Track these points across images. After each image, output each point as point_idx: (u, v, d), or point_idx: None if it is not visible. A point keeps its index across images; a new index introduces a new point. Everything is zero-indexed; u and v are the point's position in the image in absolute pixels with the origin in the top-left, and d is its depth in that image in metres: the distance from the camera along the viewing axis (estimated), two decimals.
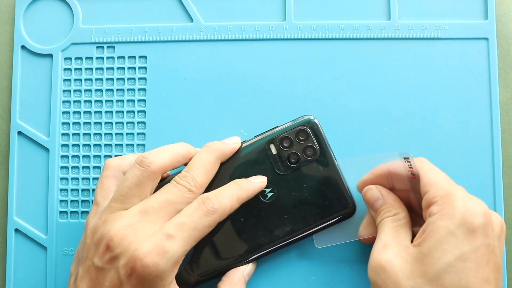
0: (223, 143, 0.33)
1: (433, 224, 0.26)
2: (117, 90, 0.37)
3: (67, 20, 0.38)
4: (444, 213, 0.26)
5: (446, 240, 0.26)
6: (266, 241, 0.32)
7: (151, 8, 0.37)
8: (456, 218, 0.26)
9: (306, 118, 0.33)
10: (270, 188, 0.32)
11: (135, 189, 0.30)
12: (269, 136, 0.33)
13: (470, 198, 0.27)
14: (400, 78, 0.35)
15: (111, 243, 0.28)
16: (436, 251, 0.26)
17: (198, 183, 0.31)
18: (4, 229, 0.36)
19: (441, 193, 0.27)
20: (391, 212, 0.30)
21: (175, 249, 0.28)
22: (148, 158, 0.30)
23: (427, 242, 0.26)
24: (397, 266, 0.27)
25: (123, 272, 0.28)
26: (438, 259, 0.25)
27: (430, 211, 0.27)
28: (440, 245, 0.26)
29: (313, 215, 0.32)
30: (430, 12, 0.36)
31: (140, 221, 0.29)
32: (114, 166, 0.32)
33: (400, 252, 0.27)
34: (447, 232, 0.26)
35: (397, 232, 0.29)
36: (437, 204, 0.27)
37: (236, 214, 0.32)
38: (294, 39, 0.36)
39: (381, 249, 0.28)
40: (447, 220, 0.26)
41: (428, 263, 0.26)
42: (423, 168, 0.29)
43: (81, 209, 0.36)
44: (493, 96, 0.35)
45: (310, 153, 0.33)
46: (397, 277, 0.26)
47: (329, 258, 0.34)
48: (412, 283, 0.26)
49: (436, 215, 0.27)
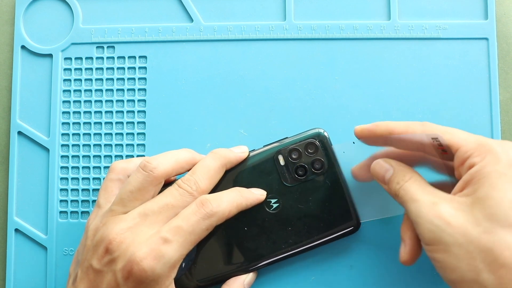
0: (230, 151, 0.33)
1: (480, 171, 0.26)
2: (117, 90, 0.37)
3: (67, 20, 0.38)
4: (489, 159, 0.26)
5: (501, 180, 0.25)
6: (268, 252, 0.32)
7: (151, 8, 0.37)
8: (502, 161, 0.26)
9: (316, 131, 0.33)
10: (276, 199, 0.32)
11: (137, 193, 0.30)
12: (278, 147, 0.33)
13: (502, 141, 0.27)
14: (400, 78, 0.35)
15: (110, 246, 0.28)
16: (495, 192, 0.25)
17: (201, 188, 0.30)
18: (4, 229, 0.36)
19: (474, 145, 0.27)
20: (406, 177, 0.29)
21: (171, 253, 0.28)
22: (152, 163, 0.30)
23: (481, 188, 0.25)
24: (458, 216, 0.25)
25: (120, 276, 0.28)
26: (501, 199, 0.25)
27: (469, 163, 0.26)
28: (497, 187, 0.25)
29: (317, 228, 0.32)
30: (430, 12, 0.36)
31: (139, 225, 0.29)
32: (119, 170, 0.32)
33: (453, 205, 0.26)
34: (499, 174, 0.25)
35: (427, 190, 0.28)
36: (475, 155, 0.26)
37: (239, 223, 0.32)
38: (294, 39, 0.36)
39: (431, 207, 0.26)
40: (494, 164, 0.26)
41: (491, 205, 0.25)
42: (435, 129, 0.28)
43: (81, 209, 0.36)
44: (493, 96, 0.35)
45: (318, 167, 0.32)
46: (463, 227, 0.25)
47: (329, 258, 0.34)
48: (482, 228, 0.25)
49: (480, 163, 0.26)
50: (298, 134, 0.33)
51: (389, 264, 0.34)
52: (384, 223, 0.34)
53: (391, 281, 0.34)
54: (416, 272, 0.34)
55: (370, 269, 0.34)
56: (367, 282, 0.34)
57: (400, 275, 0.34)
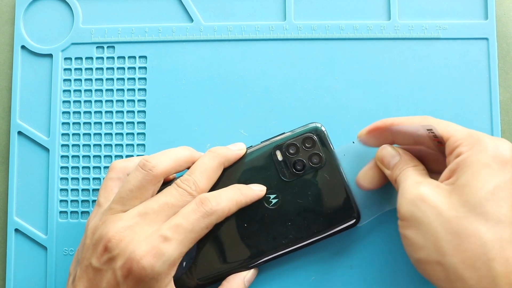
0: (228, 149, 0.33)
1: (465, 160, 0.26)
2: (117, 90, 0.37)
3: (67, 20, 0.38)
4: (475, 149, 0.26)
5: (483, 171, 0.26)
6: (268, 248, 0.32)
7: (151, 8, 0.37)
8: (488, 152, 0.26)
9: (313, 126, 0.33)
10: (274, 194, 0.32)
11: (136, 192, 0.30)
12: (275, 142, 0.33)
13: (494, 137, 0.28)
14: (400, 78, 0.35)
15: (109, 244, 0.28)
16: (475, 181, 0.25)
17: (199, 187, 0.30)
18: (4, 229, 0.36)
19: (464, 135, 0.27)
20: (410, 164, 0.29)
21: (171, 251, 0.28)
22: (151, 162, 0.30)
23: (463, 176, 0.26)
24: (436, 198, 0.26)
25: (120, 274, 0.28)
26: (478, 188, 0.25)
27: (457, 152, 0.27)
28: (477, 176, 0.25)
29: (317, 223, 0.32)
30: (430, 12, 0.36)
31: (138, 223, 0.29)
32: (119, 169, 0.32)
33: (435, 188, 0.27)
34: (482, 164, 0.26)
35: (423, 175, 0.28)
36: (464, 145, 0.27)
37: (239, 219, 0.32)
38: (294, 39, 0.36)
39: (415, 185, 0.27)
40: (479, 154, 0.26)
41: (468, 192, 0.25)
42: (434, 122, 0.29)
43: (81, 209, 0.36)
44: (493, 96, 0.35)
45: (316, 161, 0.32)
46: (438, 208, 0.26)
47: (329, 258, 0.34)
48: (455, 212, 0.25)
49: (467, 153, 0.26)
50: (295, 129, 0.33)
51: (389, 264, 0.34)
52: (384, 223, 0.34)
53: (391, 281, 0.34)
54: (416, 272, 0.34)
55: (370, 269, 0.34)
56: (367, 282, 0.34)
57: (400, 275, 0.34)
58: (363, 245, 0.34)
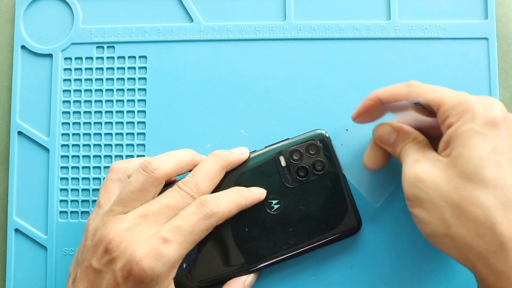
0: (231, 152, 0.32)
1: (456, 131, 0.26)
2: (117, 90, 0.37)
3: (67, 20, 0.38)
4: (465, 118, 0.26)
5: (475, 138, 0.25)
6: (269, 253, 0.32)
7: (151, 8, 0.37)
8: (478, 119, 0.26)
9: (317, 132, 0.33)
10: (277, 200, 0.32)
11: (137, 194, 0.30)
12: (279, 148, 0.33)
13: (482, 97, 0.27)
14: (400, 78, 0.35)
15: (110, 245, 0.28)
16: (468, 150, 0.25)
17: (201, 190, 0.30)
18: (4, 229, 0.36)
19: (453, 104, 0.27)
20: (409, 138, 0.29)
21: (171, 253, 0.28)
22: (153, 164, 0.30)
23: (456, 148, 0.26)
24: (433, 174, 0.26)
25: (119, 275, 0.28)
26: (471, 157, 0.25)
27: (448, 123, 0.27)
28: (469, 145, 0.25)
29: (318, 229, 0.32)
30: (430, 12, 0.36)
31: (139, 225, 0.29)
32: (119, 169, 0.32)
33: (432, 163, 0.27)
34: (473, 133, 0.26)
35: (422, 150, 0.28)
36: (453, 115, 0.27)
37: (240, 224, 0.32)
38: (294, 39, 0.36)
39: (413, 164, 0.27)
40: (469, 123, 0.26)
41: (463, 163, 0.25)
42: (422, 92, 0.28)
43: (81, 209, 0.36)
44: (493, 96, 0.35)
45: (319, 168, 0.32)
46: (436, 183, 0.26)
47: (329, 258, 0.34)
48: (452, 185, 0.25)
49: (457, 123, 0.26)
50: (299, 135, 0.33)
51: (389, 264, 0.34)
52: (384, 223, 0.34)
53: (391, 281, 0.34)
54: (416, 272, 0.34)
55: (370, 269, 0.34)
56: (367, 282, 0.34)
57: (400, 275, 0.34)
58: (363, 245, 0.34)
